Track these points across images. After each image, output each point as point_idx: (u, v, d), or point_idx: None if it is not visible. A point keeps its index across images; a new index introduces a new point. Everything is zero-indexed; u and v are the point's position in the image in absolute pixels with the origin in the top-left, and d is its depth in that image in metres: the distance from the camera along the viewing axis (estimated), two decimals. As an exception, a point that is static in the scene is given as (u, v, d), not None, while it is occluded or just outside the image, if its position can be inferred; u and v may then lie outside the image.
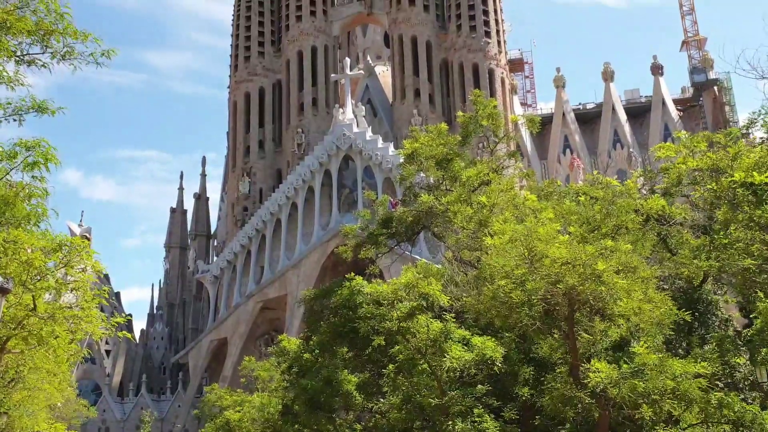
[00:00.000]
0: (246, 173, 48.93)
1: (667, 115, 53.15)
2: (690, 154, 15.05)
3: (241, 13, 52.92)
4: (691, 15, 59.83)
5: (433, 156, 17.86)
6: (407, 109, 47.58)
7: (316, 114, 48.94)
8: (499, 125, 19.19)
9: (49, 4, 10.43)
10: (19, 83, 10.61)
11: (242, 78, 51.31)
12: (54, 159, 10.54)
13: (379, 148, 40.22)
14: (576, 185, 17.97)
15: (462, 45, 48.35)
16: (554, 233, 11.07)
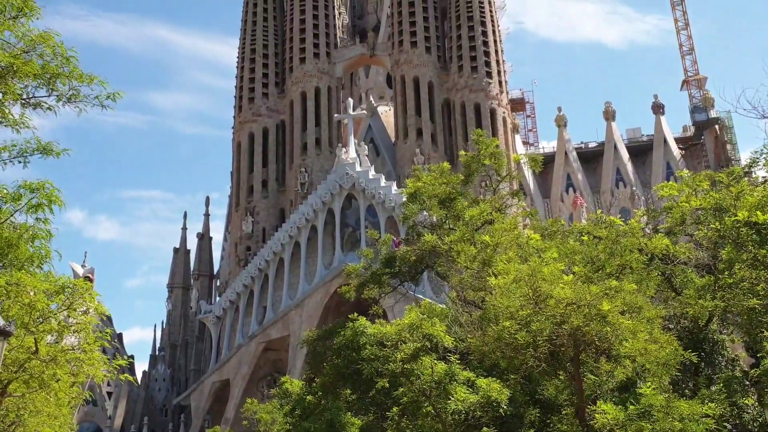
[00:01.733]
0: (249, 213, 49.02)
1: (669, 154, 53.31)
2: (693, 193, 15.07)
3: (245, 56, 53.51)
4: (691, 55, 60.40)
5: (436, 195, 17.92)
6: (410, 148, 47.82)
7: (320, 153, 49.20)
8: (502, 164, 19.28)
9: (56, 48, 10.55)
10: (25, 126, 10.70)
11: (246, 118, 51.70)
12: (58, 201, 10.58)
13: (381, 187, 40.31)
14: (579, 224, 17.96)
15: (464, 85, 48.75)
16: (558, 273, 11.03)
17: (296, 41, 52.20)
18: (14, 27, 10.44)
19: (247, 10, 55.33)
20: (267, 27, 54.25)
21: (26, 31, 10.38)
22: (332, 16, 54.24)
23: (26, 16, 10.52)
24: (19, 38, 10.41)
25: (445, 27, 52.34)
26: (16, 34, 10.37)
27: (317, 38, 52.25)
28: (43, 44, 10.44)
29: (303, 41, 52.00)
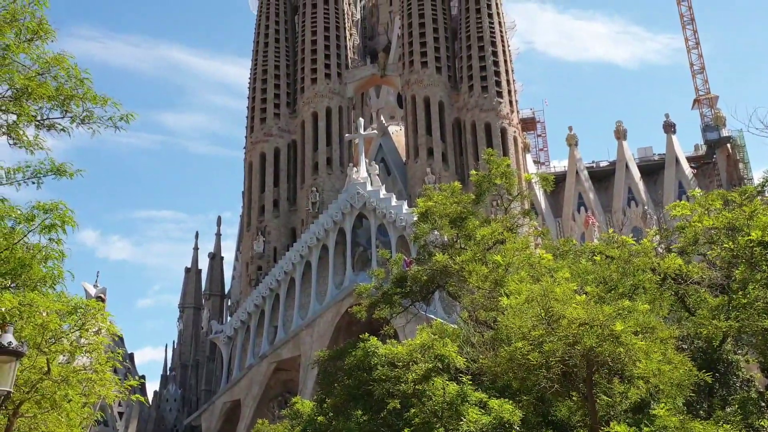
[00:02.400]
0: (260, 232, 49.10)
1: (681, 173, 53.12)
2: (705, 213, 15.01)
3: (257, 76, 53.86)
4: (702, 74, 60.38)
5: (447, 214, 17.91)
6: (421, 167, 47.87)
7: (331, 173, 49.31)
8: (513, 184, 19.28)
9: (70, 70, 10.65)
10: (39, 147, 10.78)
11: (258, 138, 51.94)
12: (71, 221, 10.63)
13: (392, 207, 40.31)
14: (592, 244, 17.89)
15: (474, 105, 48.83)
16: (571, 293, 10.98)
17: (308, 62, 52.52)
18: (29, 49, 10.56)
19: (259, 32, 55.75)
20: (279, 48, 54.63)
21: (41, 54, 10.49)
22: (343, 37, 54.58)
23: (41, 39, 10.64)
24: (34, 60, 10.52)
25: (455, 47, 52.54)
26: (31, 56, 10.49)
27: (328, 59, 52.57)
28: (58, 66, 10.55)
29: (314, 62, 52.32)
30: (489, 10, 51.22)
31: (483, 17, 50.72)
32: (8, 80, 10.35)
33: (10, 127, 10.58)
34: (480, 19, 50.70)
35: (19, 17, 10.42)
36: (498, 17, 51.60)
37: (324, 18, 53.61)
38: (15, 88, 10.35)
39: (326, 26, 53.42)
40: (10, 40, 10.22)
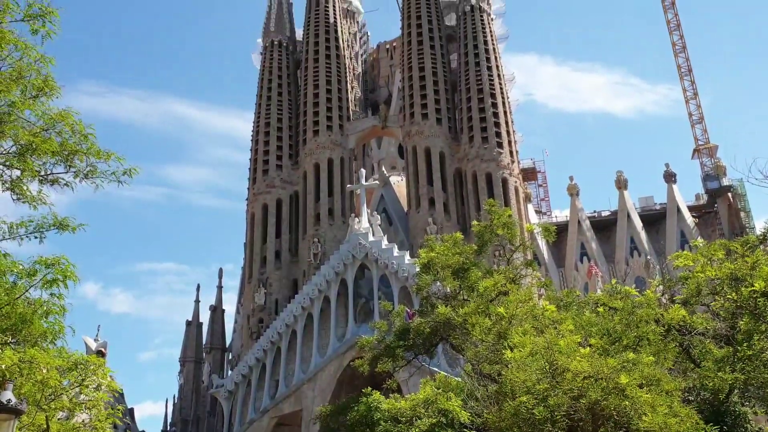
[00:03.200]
0: (262, 284, 48.95)
1: (682, 222, 53.15)
2: (708, 263, 14.98)
3: (260, 129, 54.38)
4: (701, 124, 60.88)
5: (450, 265, 17.87)
6: (422, 217, 47.95)
7: (332, 224, 49.39)
8: (515, 234, 19.28)
9: (74, 126, 10.77)
10: (42, 202, 10.84)
11: (260, 190, 52.19)
12: (73, 276, 10.62)
13: (395, 257, 40.23)
14: (595, 295, 17.80)
15: (475, 155, 49.13)
16: (575, 346, 10.90)
17: (310, 114, 53.09)
18: (35, 106, 10.69)
19: (262, 86, 56.48)
20: (281, 101, 55.29)
21: (46, 110, 10.62)
22: (345, 90, 55.27)
23: (46, 96, 10.78)
24: (39, 117, 10.65)
25: (455, 99, 53.12)
26: (36, 112, 10.61)
27: (330, 111, 53.15)
28: (62, 122, 10.67)
29: (316, 114, 52.89)
30: (488, 63, 51.90)
31: (482, 70, 51.39)
32: (13, 136, 10.46)
33: (14, 183, 10.65)
34: (479, 72, 51.35)
35: (25, 74, 10.58)
36: (497, 70, 52.27)
37: (326, 72, 54.37)
38: (20, 144, 10.45)
39: (328, 79, 54.16)
40: (16, 97, 10.36)
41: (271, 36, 58.29)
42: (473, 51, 52.35)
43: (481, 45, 52.53)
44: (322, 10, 57.03)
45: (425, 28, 53.94)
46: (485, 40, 52.99)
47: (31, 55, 10.44)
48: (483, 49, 52.39)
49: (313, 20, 56.81)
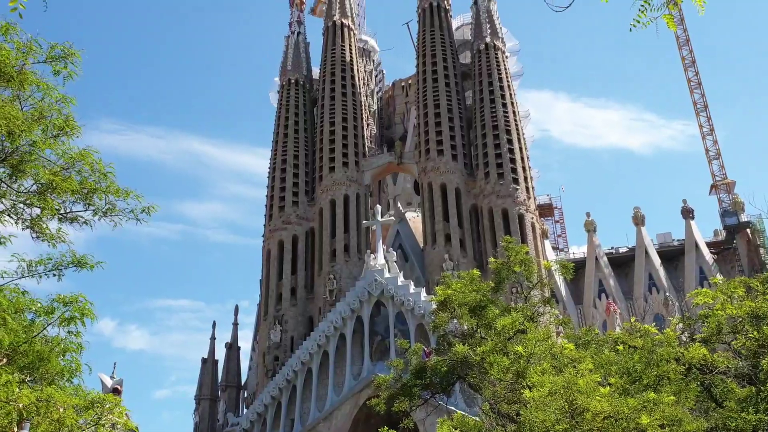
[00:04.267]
0: (277, 321, 48.84)
1: (701, 259, 52.68)
2: (728, 300, 14.81)
3: (276, 166, 54.77)
4: (718, 159, 60.60)
5: (466, 303, 17.74)
6: (438, 254, 47.82)
7: (348, 260, 49.35)
8: (532, 271, 19.16)
9: (94, 165, 10.86)
10: (61, 240, 10.91)
11: (276, 227, 52.35)
12: (90, 314, 10.62)
13: (411, 294, 40.06)
14: (614, 333, 17.60)
15: (491, 191, 49.11)
16: (595, 385, 10.76)
17: (326, 151, 53.43)
18: (55, 145, 10.80)
19: (279, 123, 57.03)
20: (298, 138, 55.75)
21: (67, 149, 10.73)
22: (361, 127, 55.66)
23: (67, 135, 10.89)
24: (59, 156, 10.75)
25: (470, 135, 53.31)
26: (57, 152, 10.72)
27: (346, 148, 53.46)
28: (82, 161, 10.76)
29: (332, 151, 53.21)
30: (503, 100, 52.17)
31: (497, 106, 51.63)
32: (34, 175, 10.57)
33: (34, 221, 10.74)
34: (494, 109, 51.59)
35: (46, 114, 10.71)
36: (512, 106, 52.50)
37: (342, 109, 54.83)
38: (40, 183, 10.55)
39: (344, 117, 54.59)
40: (37, 136, 10.48)
41: (288, 74, 58.99)
42: (488, 88, 52.66)
43: (496, 82, 52.86)
44: (339, 49, 57.70)
45: (440, 65, 54.39)
46: (500, 77, 53.33)
47: (53, 95, 10.58)
48: (498, 86, 52.70)
49: (329, 59, 57.46)
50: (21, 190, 10.66)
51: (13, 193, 10.62)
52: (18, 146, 10.31)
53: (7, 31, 10.07)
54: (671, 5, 5.57)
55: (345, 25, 59.22)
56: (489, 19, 56.53)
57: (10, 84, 10.22)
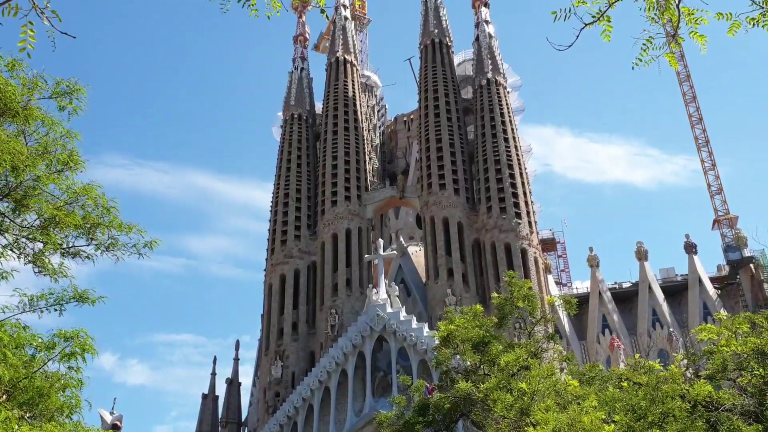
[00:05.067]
0: (279, 356, 48.51)
1: (705, 294, 52.43)
2: (733, 336, 14.73)
3: (279, 200, 54.87)
4: (720, 194, 60.67)
5: (469, 339, 17.64)
6: (441, 288, 47.64)
7: (350, 294, 49.18)
8: (536, 307, 19.10)
9: (97, 199, 10.87)
10: (63, 275, 10.88)
11: (278, 260, 52.26)
12: (91, 349, 10.55)
13: (413, 329, 39.85)
14: (618, 369, 17.47)
15: (493, 225, 49.07)
16: (599, 423, 10.65)
17: (328, 185, 53.55)
18: (59, 180, 10.82)
19: (281, 157, 57.28)
20: (300, 172, 55.96)
21: (70, 184, 10.74)
22: (363, 161, 55.87)
23: (71, 170, 10.92)
24: (63, 191, 10.76)
25: (472, 170, 53.45)
26: (61, 187, 10.74)
27: (348, 182, 53.60)
28: (86, 196, 10.78)
29: (335, 185, 53.33)
30: (505, 135, 52.38)
31: (499, 141, 51.82)
32: (37, 210, 10.57)
33: (36, 256, 10.72)
34: (496, 143, 51.78)
35: (51, 149, 10.75)
36: (514, 141, 52.70)
37: (344, 143, 55.09)
38: (43, 218, 10.55)
39: (346, 151, 54.82)
40: (41, 171, 10.51)
41: (291, 109, 59.41)
42: (490, 123, 52.92)
43: (498, 117, 53.13)
44: (341, 84, 58.17)
45: (442, 101, 54.75)
46: (501, 112, 53.63)
47: (58, 130, 10.64)
48: (500, 121, 52.97)
49: (332, 94, 57.90)
50: (24, 224, 10.66)
51: (16, 227, 10.62)
52: (22, 181, 10.34)
53: (14, 67, 10.16)
54: (673, 44, 5.61)
55: (348, 60, 59.77)
56: (490, 55, 57.02)
57: (15, 119, 10.29)
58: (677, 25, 5.34)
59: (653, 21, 5.44)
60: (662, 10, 5.39)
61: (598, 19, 5.33)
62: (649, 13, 5.39)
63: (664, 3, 5.40)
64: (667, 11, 5.37)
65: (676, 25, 5.36)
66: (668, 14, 5.37)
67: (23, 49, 5.89)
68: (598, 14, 5.33)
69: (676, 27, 5.39)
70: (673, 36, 5.53)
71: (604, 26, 5.39)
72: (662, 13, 5.39)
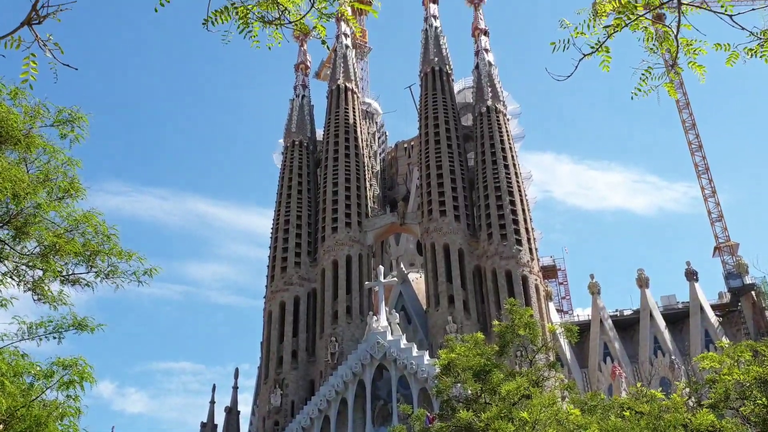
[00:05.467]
0: (278, 385, 48.14)
1: (706, 321, 52.20)
2: (735, 365, 14.66)
3: (279, 226, 54.84)
4: (721, 222, 60.69)
5: (470, 367, 17.54)
6: (442, 316, 47.42)
7: (350, 322, 48.94)
8: (537, 334, 19.02)
9: (98, 227, 10.88)
10: (62, 303, 10.86)
11: (278, 288, 52.08)
12: (90, 378, 10.51)
13: (414, 357, 39.63)
14: (620, 398, 17.35)
15: (494, 252, 48.96)
16: (601, 453, 10.53)
17: (329, 211, 53.55)
18: (60, 207, 10.84)
19: (282, 184, 57.37)
20: (301, 199, 56.00)
21: (71, 212, 10.76)
22: (363, 187, 55.95)
23: (72, 197, 10.94)
24: (63, 218, 10.78)
25: (473, 196, 53.50)
26: (61, 214, 10.76)
27: (349, 208, 53.62)
28: (86, 223, 10.78)
29: (335, 211, 53.33)
30: (505, 162, 52.48)
31: (499, 168, 51.92)
32: (37, 237, 10.57)
33: (36, 283, 10.70)
34: (496, 170, 51.87)
35: (52, 177, 10.79)
36: (514, 168, 52.80)
37: (345, 170, 55.20)
38: (43, 245, 10.55)
39: (347, 177, 54.92)
40: (42, 198, 10.53)
41: (293, 136, 59.63)
42: (490, 150, 53.05)
43: (498, 144, 53.28)
44: (342, 111, 58.46)
45: (442, 128, 54.96)
46: (501, 139, 53.80)
47: (59, 158, 10.68)
48: (500, 148, 53.11)
49: (333, 121, 58.15)
50: (24, 252, 10.66)
51: (16, 255, 10.62)
52: (22, 208, 10.36)
53: (16, 95, 10.23)
54: (672, 74, 5.65)
55: (348, 88, 60.11)
56: (490, 82, 57.35)
57: (17, 147, 10.33)
58: (676, 55, 5.38)
59: (652, 51, 5.49)
60: (661, 41, 5.43)
61: (597, 49, 5.37)
62: (648, 44, 5.43)
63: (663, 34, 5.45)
64: (665, 42, 5.41)
65: (675, 56, 5.39)
66: (667, 45, 5.42)
67: (25, 81, 5.94)
68: (597, 45, 5.37)
69: (675, 57, 5.43)
70: (671, 66, 5.56)
71: (603, 57, 5.43)
72: (661, 44, 5.44)
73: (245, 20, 5.27)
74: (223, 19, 5.29)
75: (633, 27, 5.28)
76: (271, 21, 5.33)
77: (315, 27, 5.34)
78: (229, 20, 5.32)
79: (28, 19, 5.36)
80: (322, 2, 5.16)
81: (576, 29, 5.28)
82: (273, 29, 5.36)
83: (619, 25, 5.22)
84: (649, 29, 5.39)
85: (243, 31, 5.29)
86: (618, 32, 5.31)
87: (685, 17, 5.19)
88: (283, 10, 5.23)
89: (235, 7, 5.28)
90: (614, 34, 5.32)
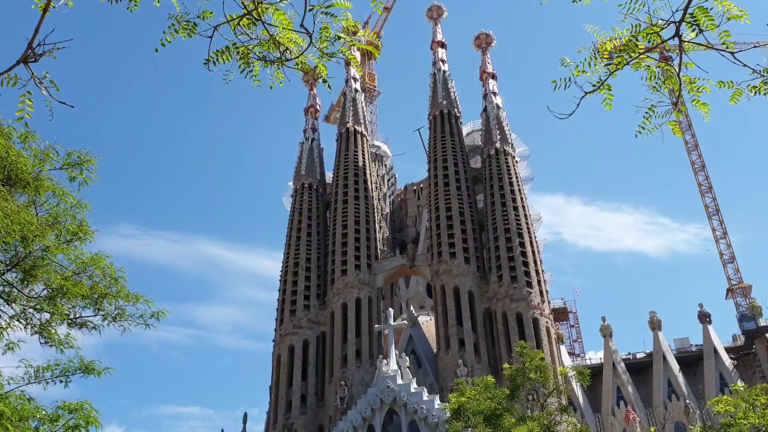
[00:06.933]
0: (287, 430, 47.59)
1: (720, 364, 51.49)
2: (750, 408, 14.44)
3: (288, 269, 54.78)
4: (733, 263, 60.28)
5: (481, 411, 17.33)
6: (452, 359, 46.98)
7: (360, 365, 48.53)
8: (548, 378, 18.82)
9: (105, 270, 10.88)
10: (69, 346, 10.81)
11: (287, 331, 51.82)
12: (95, 422, 10.42)
13: (424, 401, 39.14)
14: (633, 443, 17.05)
15: (504, 295, 48.68)
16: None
17: (338, 254, 53.49)
18: (68, 250, 10.85)
19: (291, 227, 57.48)
20: (310, 241, 56.03)
21: (79, 254, 10.77)
22: (373, 230, 55.96)
23: (80, 240, 10.95)
24: (71, 261, 10.78)
25: (482, 238, 53.40)
26: (69, 257, 10.76)
27: (358, 251, 53.56)
28: (94, 266, 10.79)
29: (345, 254, 53.28)
30: (514, 204, 52.51)
31: (508, 210, 51.91)
32: (45, 280, 10.57)
33: (43, 326, 10.67)
34: (506, 212, 51.86)
35: (61, 219, 10.81)
36: (523, 210, 52.79)
37: (355, 212, 55.30)
38: (51, 288, 10.54)
39: (356, 220, 54.98)
40: (51, 241, 10.54)
41: (302, 179, 59.94)
42: (499, 192, 53.13)
43: (507, 186, 53.38)
44: (351, 154, 58.80)
45: (451, 170, 55.14)
46: (510, 181, 53.92)
47: (68, 201, 10.72)
48: (509, 190, 53.20)
49: (342, 164, 58.47)
50: (31, 294, 10.65)
51: (23, 298, 10.61)
52: (31, 251, 10.37)
53: (26, 139, 10.33)
54: (676, 112, 5.65)
55: (358, 131, 60.56)
56: (498, 125, 57.68)
57: (26, 190, 10.38)
58: (679, 93, 5.39)
59: (655, 90, 5.50)
60: (664, 79, 5.45)
61: (598, 87, 5.39)
62: (650, 82, 5.45)
63: (665, 72, 5.47)
64: (668, 80, 5.42)
65: (678, 94, 5.40)
66: (670, 83, 5.43)
67: (21, 118, 6.00)
68: (598, 83, 5.38)
69: (678, 96, 5.44)
70: (675, 104, 5.57)
71: (605, 95, 5.44)
72: (664, 82, 5.45)
73: (246, 60, 5.33)
74: (224, 59, 5.36)
75: (635, 66, 5.30)
76: (272, 60, 5.38)
77: (317, 66, 5.38)
78: (230, 60, 5.38)
79: (24, 57, 5.44)
80: (323, 42, 5.21)
81: (577, 67, 5.31)
82: (275, 69, 5.41)
83: (620, 63, 5.24)
84: (652, 68, 5.41)
85: (244, 70, 5.35)
86: (620, 70, 5.33)
87: (686, 55, 5.21)
88: (284, 50, 5.28)
89: (236, 47, 5.34)
90: (616, 72, 5.34)
